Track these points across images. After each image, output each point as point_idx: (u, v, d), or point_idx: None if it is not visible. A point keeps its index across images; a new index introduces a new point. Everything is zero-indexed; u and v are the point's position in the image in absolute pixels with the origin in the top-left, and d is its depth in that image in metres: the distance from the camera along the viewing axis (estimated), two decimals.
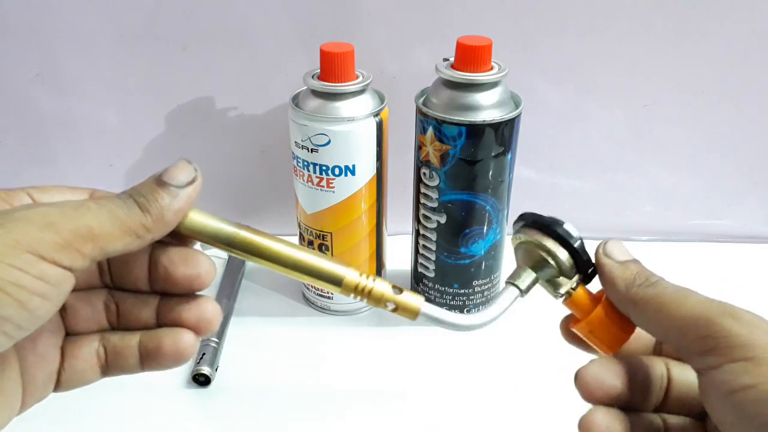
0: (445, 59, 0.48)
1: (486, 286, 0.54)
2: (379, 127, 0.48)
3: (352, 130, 0.47)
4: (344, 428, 0.45)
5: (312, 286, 0.56)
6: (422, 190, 0.50)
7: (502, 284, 0.56)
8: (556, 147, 0.63)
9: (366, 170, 0.49)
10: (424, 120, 0.48)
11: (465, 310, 0.54)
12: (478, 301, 0.54)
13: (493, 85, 0.46)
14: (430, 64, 0.48)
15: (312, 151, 0.48)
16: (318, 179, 0.49)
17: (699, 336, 0.26)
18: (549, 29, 0.57)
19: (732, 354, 0.25)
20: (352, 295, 0.28)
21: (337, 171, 0.48)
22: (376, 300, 0.28)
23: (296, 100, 0.50)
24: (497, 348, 0.52)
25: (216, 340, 0.50)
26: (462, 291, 0.53)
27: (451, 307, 0.54)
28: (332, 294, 0.55)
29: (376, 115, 0.48)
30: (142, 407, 0.46)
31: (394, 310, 0.28)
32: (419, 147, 0.49)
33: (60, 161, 0.63)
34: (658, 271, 0.32)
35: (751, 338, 0.25)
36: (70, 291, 0.24)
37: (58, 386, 0.29)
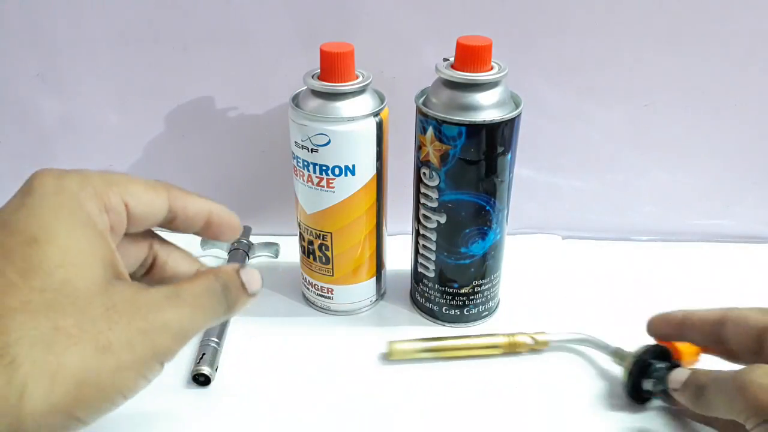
0: (445, 59, 0.48)
1: (486, 286, 0.54)
2: (379, 127, 0.48)
3: (352, 130, 0.47)
4: (344, 428, 0.45)
5: (312, 286, 0.56)
6: (422, 190, 0.50)
7: (501, 284, 0.56)
8: (556, 147, 0.63)
9: (366, 170, 0.49)
10: (424, 120, 0.48)
11: (465, 310, 0.54)
12: (478, 301, 0.54)
13: (493, 85, 0.46)
14: (430, 64, 0.48)
15: (312, 151, 0.48)
16: (318, 179, 0.49)
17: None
18: (549, 29, 0.57)
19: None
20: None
21: (337, 171, 0.48)
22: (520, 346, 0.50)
23: (296, 100, 0.50)
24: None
25: (216, 340, 0.50)
26: (462, 291, 0.53)
27: (450, 307, 0.54)
28: (332, 294, 0.55)
29: (376, 115, 0.48)
30: (142, 407, 0.46)
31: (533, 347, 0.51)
32: (419, 147, 0.49)
33: (60, 161, 0.63)
34: (658, 271, 0.32)
35: None
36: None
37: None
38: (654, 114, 0.61)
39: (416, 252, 0.54)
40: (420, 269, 0.54)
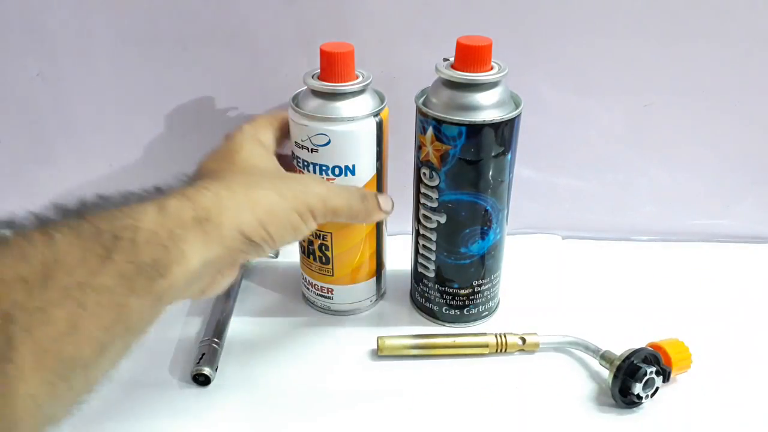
0: (445, 59, 0.48)
1: (486, 286, 0.54)
2: (379, 127, 0.48)
3: (352, 130, 0.47)
4: (344, 428, 0.45)
5: (312, 286, 0.56)
6: (422, 190, 0.50)
7: (502, 284, 0.56)
8: (556, 147, 0.63)
9: (366, 170, 0.49)
10: (424, 120, 0.48)
11: (465, 310, 0.54)
12: (478, 301, 0.54)
13: (493, 85, 0.46)
14: (430, 64, 0.48)
15: (312, 151, 0.48)
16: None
17: None
18: (549, 29, 0.57)
19: None
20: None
21: (337, 171, 0.48)
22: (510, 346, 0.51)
23: (296, 100, 0.50)
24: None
25: (216, 340, 0.50)
26: (462, 291, 0.53)
27: (450, 307, 0.54)
28: (332, 294, 0.55)
29: (376, 115, 0.48)
30: (142, 407, 0.46)
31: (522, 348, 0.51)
32: (419, 147, 0.49)
33: (60, 161, 0.63)
34: (658, 271, 0.32)
35: None
36: None
37: None
38: (654, 114, 0.61)
39: (416, 252, 0.54)
40: (420, 269, 0.54)
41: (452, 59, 0.47)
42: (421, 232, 0.52)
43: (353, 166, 0.48)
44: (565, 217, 0.67)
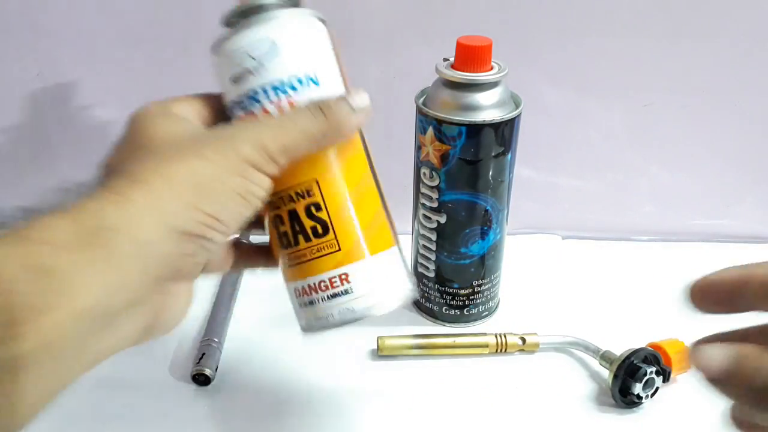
0: (445, 59, 0.48)
1: (486, 286, 0.54)
2: (329, 34, 0.36)
3: (298, 27, 0.34)
4: (344, 428, 0.45)
5: (312, 290, 0.54)
6: (422, 190, 0.50)
7: (502, 284, 0.56)
8: (556, 147, 0.63)
9: (332, 84, 0.35)
10: (424, 120, 0.48)
11: (465, 310, 0.54)
12: (478, 301, 0.54)
13: (493, 85, 0.46)
14: (430, 64, 0.48)
15: (256, 71, 0.34)
16: (275, 106, 0.33)
17: None
18: (549, 29, 0.57)
19: None
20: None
21: (296, 84, 0.33)
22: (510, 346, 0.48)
23: (215, 47, 0.37)
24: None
25: (216, 340, 0.50)
26: (462, 291, 0.53)
27: (450, 307, 0.54)
28: (350, 281, 0.47)
29: (321, 20, 0.36)
30: (142, 407, 0.46)
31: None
32: (419, 147, 0.49)
33: (60, 161, 0.63)
34: (658, 271, 0.31)
35: None
36: None
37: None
38: (654, 114, 0.61)
39: (416, 252, 0.54)
40: (420, 269, 0.54)
41: (452, 59, 0.47)
42: (421, 232, 0.52)
43: (315, 76, 0.34)
44: (565, 217, 0.67)
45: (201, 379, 0.48)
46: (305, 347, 0.53)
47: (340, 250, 0.34)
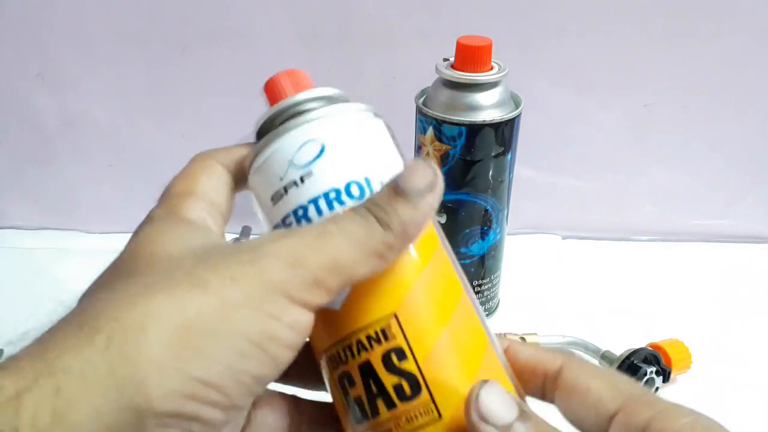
0: (445, 59, 0.48)
1: (486, 286, 0.54)
2: (389, 130, 0.30)
3: (355, 127, 0.26)
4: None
5: None
6: None
7: (502, 284, 0.56)
8: (556, 147, 0.63)
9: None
10: (424, 120, 0.48)
11: None
12: (478, 301, 0.54)
13: (493, 85, 0.46)
14: (430, 64, 0.48)
15: (302, 181, 0.24)
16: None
17: None
18: (549, 29, 0.57)
19: None
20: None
21: (355, 191, 0.24)
22: None
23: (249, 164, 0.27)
24: None
25: None
26: None
27: None
28: None
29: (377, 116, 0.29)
30: None
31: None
32: (419, 147, 0.49)
33: (60, 161, 0.63)
34: (658, 271, 0.30)
35: None
36: None
37: None
38: (654, 114, 0.61)
39: None
40: None
41: (452, 59, 0.47)
42: None
43: (379, 179, 0.25)
44: (565, 217, 0.67)
45: None
46: (305, 347, 0.52)
47: (441, 417, 0.23)
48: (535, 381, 0.25)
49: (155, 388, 0.18)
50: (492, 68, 0.47)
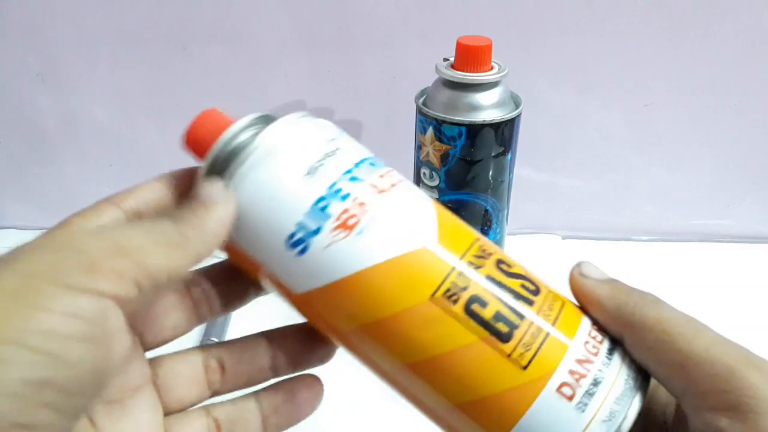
0: (445, 59, 0.48)
1: None
2: None
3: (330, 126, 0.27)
4: (344, 428, 0.45)
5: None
6: (422, 190, 0.50)
7: None
8: (556, 147, 0.63)
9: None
10: (424, 120, 0.48)
11: None
12: None
13: (493, 85, 0.46)
14: (430, 64, 0.48)
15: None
16: (383, 180, 0.25)
17: (717, 388, 0.21)
18: (549, 29, 0.57)
19: (755, 423, 0.20)
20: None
21: (378, 163, 0.26)
22: None
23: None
24: None
25: (216, 340, 0.50)
26: None
27: None
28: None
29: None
30: None
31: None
32: (419, 147, 0.49)
33: (60, 161, 0.63)
34: (658, 271, 0.31)
35: None
36: (124, 331, 0.19)
37: None
38: (654, 114, 0.61)
39: None
40: None
41: (452, 59, 0.47)
42: None
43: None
44: (565, 217, 0.67)
45: None
46: None
47: (564, 300, 0.26)
48: None
49: None
50: (492, 68, 0.47)
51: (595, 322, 0.25)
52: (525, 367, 0.23)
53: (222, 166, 0.24)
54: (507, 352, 0.23)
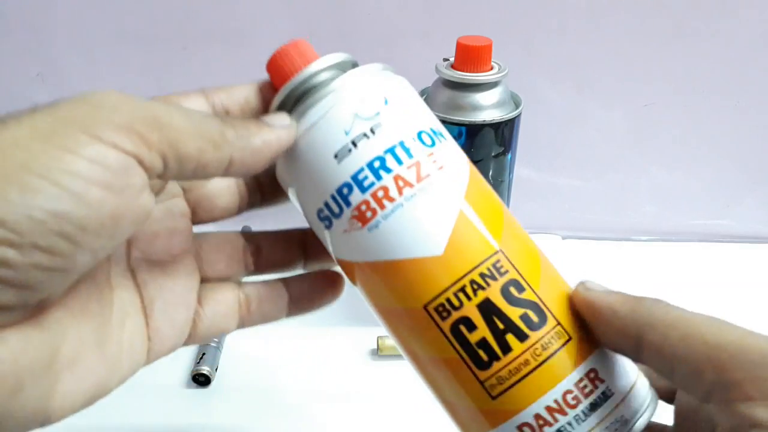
0: (445, 59, 0.48)
1: None
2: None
3: (399, 84, 0.27)
4: (344, 428, 0.45)
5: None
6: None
7: None
8: (556, 147, 0.63)
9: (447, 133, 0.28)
10: None
11: None
12: None
13: (493, 85, 0.46)
14: (430, 64, 0.48)
15: (373, 131, 0.25)
16: (422, 163, 0.25)
17: (754, 375, 0.20)
18: (549, 29, 0.57)
19: None
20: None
21: (426, 139, 0.25)
22: None
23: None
24: None
25: (216, 340, 0.50)
26: None
27: None
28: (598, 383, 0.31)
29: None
30: (142, 407, 0.46)
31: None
32: None
33: None
34: (658, 271, 0.31)
35: None
36: (149, 191, 0.21)
37: (191, 336, 0.28)
38: (654, 114, 0.61)
39: None
40: None
41: (452, 59, 0.47)
42: None
43: (438, 129, 0.27)
44: (565, 217, 0.67)
45: (201, 379, 0.48)
46: (305, 347, 0.53)
47: (571, 339, 0.24)
48: None
49: None
50: (492, 68, 0.47)
51: (593, 371, 0.24)
52: (494, 398, 0.23)
53: (289, 105, 0.26)
54: (481, 378, 0.23)
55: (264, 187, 0.30)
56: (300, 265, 0.30)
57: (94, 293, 0.23)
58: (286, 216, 0.33)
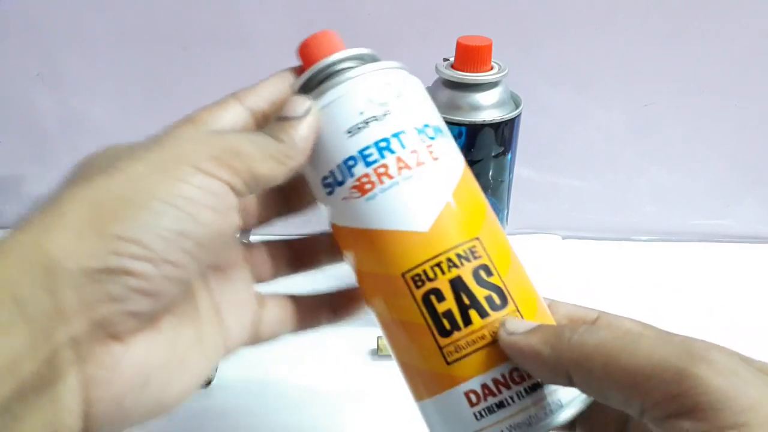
0: (445, 59, 0.48)
1: None
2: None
3: (411, 80, 0.32)
4: (344, 428, 0.45)
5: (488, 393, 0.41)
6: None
7: None
8: (556, 147, 0.63)
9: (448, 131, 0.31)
10: None
11: None
12: None
13: (493, 85, 0.46)
14: (430, 64, 0.48)
15: (384, 117, 0.28)
16: (419, 151, 0.28)
17: (671, 394, 0.20)
18: (549, 29, 0.57)
19: (717, 419, 0.20)
20: None
21: (429, 132, 0.29)
22: None
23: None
24: None
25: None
26: None
27: None
28: None
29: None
30: None
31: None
32: None
33: (60, 161, 0.63)
34: (658, 271, 0.31)
35: (737, 394, 0.20)
36: (237, 211, 0.25)
37: (254, 336, 0.32)
38: (654, 114, 0.61)
39: None
40: None
41: (452, 59, 0.47)
42: None
43: (440, 126, 0.30)
44: (565, 217, 0.67)
45: None
46: (305, 347, 0.53)
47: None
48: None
49: (66, 248, 0.21)
50: (492, 68, 0.47)
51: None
52: (449, 363, 0.26)
53: (314, 84, 0.29)
54: (441, 344, 0.26)
55: (288, 195, 0.32)
56: (327, 262, 0.33)
57: (189, 300, 0.27)
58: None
